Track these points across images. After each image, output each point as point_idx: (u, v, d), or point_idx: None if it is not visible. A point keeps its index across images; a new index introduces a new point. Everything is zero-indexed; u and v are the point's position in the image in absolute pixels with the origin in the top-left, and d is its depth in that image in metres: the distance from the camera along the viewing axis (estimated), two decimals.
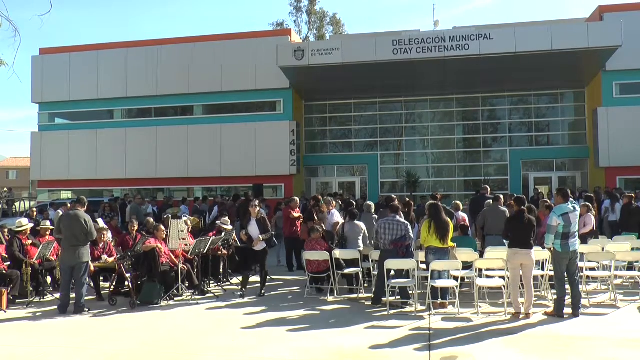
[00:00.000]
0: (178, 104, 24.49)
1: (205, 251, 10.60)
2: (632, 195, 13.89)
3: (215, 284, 11.47)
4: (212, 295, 10.48)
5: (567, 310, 8.43)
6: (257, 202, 11.11)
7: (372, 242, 10.61)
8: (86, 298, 9.47)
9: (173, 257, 10.48)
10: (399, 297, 9.44)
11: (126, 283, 9.91)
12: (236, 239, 12.31)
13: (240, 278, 10.85)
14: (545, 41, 19.44)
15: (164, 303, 9.77)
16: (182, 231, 10.60)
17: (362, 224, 10.84)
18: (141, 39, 30.33)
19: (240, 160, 22.83)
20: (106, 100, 24.95)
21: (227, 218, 12.63)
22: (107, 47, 25.14)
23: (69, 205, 12.97)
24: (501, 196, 12.23)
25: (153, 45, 24.50)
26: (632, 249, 10.61)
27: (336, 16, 44.89)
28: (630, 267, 10.60)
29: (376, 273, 9.66)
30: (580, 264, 9.12)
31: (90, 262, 9.61)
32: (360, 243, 10.66)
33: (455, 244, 9.63)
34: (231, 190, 22.68)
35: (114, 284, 10.22)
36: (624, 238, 11.87)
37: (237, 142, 23.03)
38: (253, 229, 10.33)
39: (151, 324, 8.41)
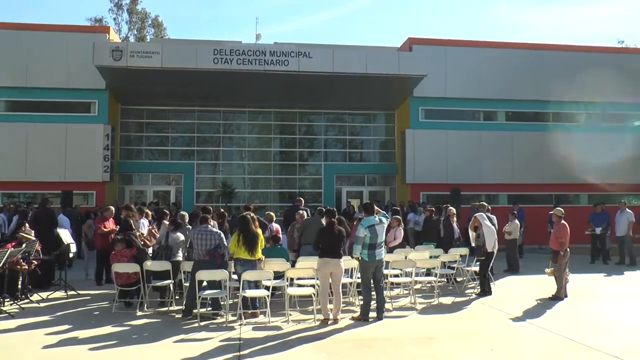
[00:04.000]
0: None
1: (1, 265, 9.44)
2: (433, 209, 15.08)
3: (12, 302, 10.22)
4: (7, 314, 9.28)
5: (373, 314, 8.88)
6: None
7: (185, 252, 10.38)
8: None
9: None
10: (210, 309, 9.26)
11: None
12: (39, 251, 11.19)
13: (42, 294, 9.66)
14: (361, 65, 20.54)
15: None
16: None
17: (181, 234, 10.48)
18: None
19: (48, 164, 20.79)
20: None
21: (29, 228, 11.41)
22: None
23: None
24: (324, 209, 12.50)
25: None
26: (430, 257, 11.53)
27: (158, 18, 43.54)
28: (428, 273, 11.54)
29: (188, 284, 9.39)
30: (385, 271, 9.69)
31: None
32: (180, 253, 10.32)
33: (264, 257, 9.67)
34: (37, 196, 20.63)
35: None
36: (424, 247, 12.87)
37: (45, 144, 20.91)
38: None
39: None
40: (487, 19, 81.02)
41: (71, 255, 12.09)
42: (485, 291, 11.24)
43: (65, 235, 11.95)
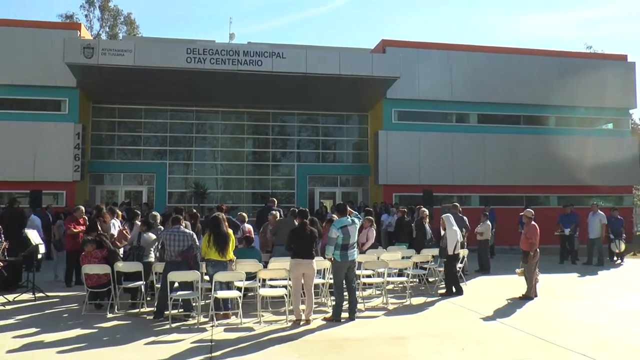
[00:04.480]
0: None
1: None
2: (405, 210, 15.13)
3: None
4: None
5: (345, 315, 8.89)
6: None
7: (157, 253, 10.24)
8: None
9: None
10: (182, 310, 9.17)
11: None
12: (5, 251, 10.92)
13: (8, 297, 9.42)
14: (334, 66, 20.55)
15: None
16: None
17: (153, 235, 10.35)
18: None
19: (16, 163, 20.30)
20: None
21: None
22: None
23: None
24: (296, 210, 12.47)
25: None
26: (402, 258, 11.58)
27: (131, 16, 43.18)
28: (400, 273, 11.59)
29: (159, 286, 9.29)
30: (357, 272, 9.71)
31: None
32: (152, 254, 10.19)
33: (236, 257, 9.61)
34: (4, 196, 20.13)
35: None
36: (396, 248, 12.93)
37: (13, 142, 20.41)
38: None
39: None
40: (472, 24, 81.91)
41: (40, 256, 11.84)
42: (453, 291, 11.34)
43: (34, 235, 11.70)
